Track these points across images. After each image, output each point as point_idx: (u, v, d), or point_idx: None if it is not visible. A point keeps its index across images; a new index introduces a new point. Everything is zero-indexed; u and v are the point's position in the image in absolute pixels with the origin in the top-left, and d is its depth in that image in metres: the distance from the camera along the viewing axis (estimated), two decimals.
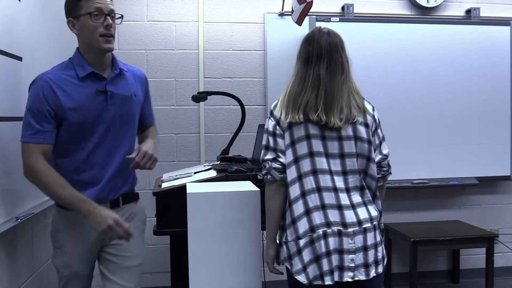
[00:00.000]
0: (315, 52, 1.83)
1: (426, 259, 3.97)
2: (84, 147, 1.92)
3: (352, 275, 1.76)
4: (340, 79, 1.81)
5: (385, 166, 1.90)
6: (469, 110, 3.90)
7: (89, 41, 1.88)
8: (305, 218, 1.78)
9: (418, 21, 3.85)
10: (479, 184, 3.92)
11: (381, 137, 1.90)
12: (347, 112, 1.79)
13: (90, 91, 1.90)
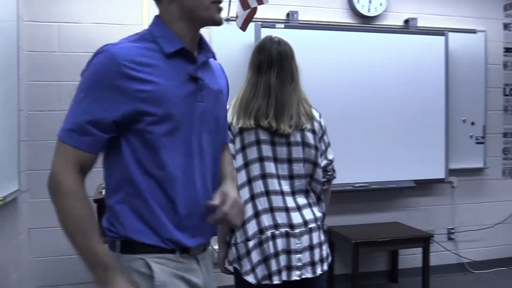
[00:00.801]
0: (266, 61, 1.88)
1: (367, 260, 4.10)
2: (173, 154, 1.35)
3: (299, 274, 1.84)
4: (290, 87, 1.87)
5: (330, 171, 1.99)
6: (407, 117, 4.07)
7: (192, 7, 1.29)
8: (254, 220, 1.84)
9: (360, 30, 3.98)
10: (416, 187, 4.10)
11: (326, 143, 1.99)
12: (296, 119, 1.85)
13: (180, 72, 1.29)
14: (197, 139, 1.30)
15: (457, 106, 4.24)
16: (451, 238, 4.38)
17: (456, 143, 4.24)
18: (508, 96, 4.53)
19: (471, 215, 4.42)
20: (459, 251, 4.40)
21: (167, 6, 1.31)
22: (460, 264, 4.40)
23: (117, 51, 1.19)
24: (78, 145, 1.19)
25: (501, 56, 4.50)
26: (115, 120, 1.19)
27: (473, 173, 4.40)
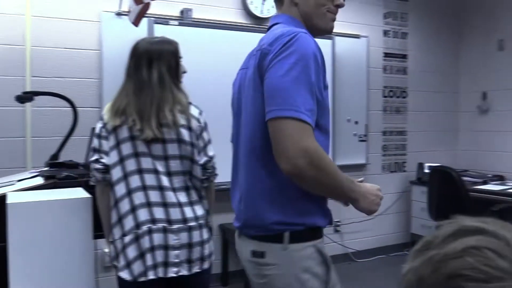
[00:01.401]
0: (139, 60, 1.91)
1: None
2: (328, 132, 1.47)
3: (176, 270, 1.85)
4: (163, 85, 1.88)
5: (210, 168, 1.97)
6: None
7: (309, 12, 1.49)
8: (131, 215, 1.85)
9: (253, 30, 4.07)
10: None
11: (206, 140, 1.96)
12: (170, 117, 1.85)
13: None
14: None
15: (343, 106, 4.52)
16: (337, 231, 4.66)
17: (341, 141, 4.52)
18: (387, 98, 4.93)
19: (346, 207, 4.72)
20: (344, 242, 4.70)
21: (288, 8, 1.51)
22: (345, 254, 4.70)
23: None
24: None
25: (381, 60, 4.87)
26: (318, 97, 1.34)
27: (357, 169, 4.72)
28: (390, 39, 4.93)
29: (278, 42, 1.31)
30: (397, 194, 4.99)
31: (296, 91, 1.25)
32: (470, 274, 0.50)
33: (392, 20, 4.93)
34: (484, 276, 0.49)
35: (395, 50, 4.96)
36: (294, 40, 1.30)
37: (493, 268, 0.49)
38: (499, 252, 0.50)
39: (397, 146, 5.01)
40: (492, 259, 0.50)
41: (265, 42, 1.36)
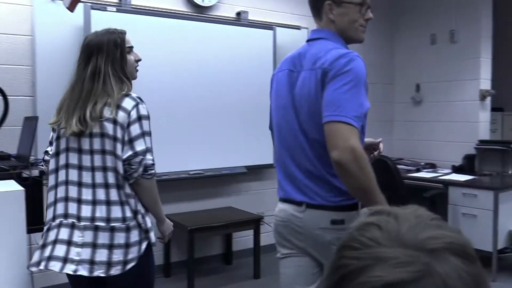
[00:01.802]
0: (81, 54, 1.93)
1: (202, 245, 4.21)
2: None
3: (74, 269, 1.78)
4: (96, 78, 1.87)
5: (135, 164, 1.82)
6: (239, 107, 4.25)
7: (345, 27, 1.81)
8: (52, 208, 1.89)
9: (194, 19, 4.02)
10: (248, 172, 4.33)
11: (133, 134, 1.83)
12: (91, 110, 1.82)
13: None
14: None
15: None
16: None
17: None
18: None
19: None
20: None
21: (327, 24, 1.84)
22: None
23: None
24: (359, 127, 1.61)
25: None
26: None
27: None
28: None
29: (338, 62, 1.66)
30: None
31: (347, 101, 1.61)
32: (350, 245, 0.55)
33: None
34: (358, 245, 0.54)
35: None
36: (351, 62, 1.65)
37: (367, 238, 0.54)
38: (381, 225, 0.55)
39: None
40: (371, 231, 0.55)
41: (325, 61, 1.70)
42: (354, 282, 0.51)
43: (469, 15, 4.82)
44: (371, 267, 0.51)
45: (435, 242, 0.52)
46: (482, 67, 4.79)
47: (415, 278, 0.49)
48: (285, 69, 1.89)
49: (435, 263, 0.50)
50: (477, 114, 4.77)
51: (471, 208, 4.00)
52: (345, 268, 0.53)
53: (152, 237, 1.90)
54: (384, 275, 0.49)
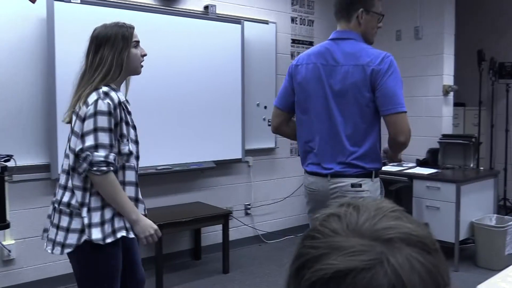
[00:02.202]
0: (90, 44, 2.03)
1: (170, 241, 4.18)
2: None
3: (45, 246, 2.01)
4: (83, 72, 2.01)
5: (81, 159, 1.88)
6: (207, 101, 4.23)
7: (367, 32, 2.31)
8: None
9: (160, 12, 3.97)
10: (216, 167, 4.32)
11: (85, 130, 1.88)
12: (78, 105, 1.95)
13: None
14: None
15: (252, 91, 4.58)
16: (248, 213, 4.74)
17: (251, 125, 4.59)
18: None
19: (265, 191, 4.85)
20: (255, 224, 4.80)
21: (355, 27, 2.30)
22: (256, 236, 4.81)
23: None
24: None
25: (289, 46, 4.99)
26: None
27: (266, 153, 4.82)
28: (297, 26, 5.05)
29: (385, 62, 2.16)
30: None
31: (401, 95, 2.14)
32: (311, 234, 0.57)
33: (299, 8, 5.05)
34: (318, 235, 0.56)
35: (302, 37, 5.10)
36: (393, 62, 2.18)
37: (327, 229, 0.56)
38: (341, 216, 0.57)
39: None
40: (331, 222, 0.57)
41: (376, 60, 2.16)
42: (310, 270, 0.53)
43: (433, 12, 4.93)
44: (326, 256, 0.52)
45: (391, 232, 0.53)
46: (445, 63, 4.91)
47: (367, 267, 0.50)
48: (315, 62, 2.31)
49: (389, 253, 0.51)
50: (441, 109, 4.90)
51: (434, 200, 4.10)
52: (304, 257, 0.55)
53: (93, 236, 1.89)
54: (336, 263, 0.51)
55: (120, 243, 2.01)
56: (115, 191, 1.91)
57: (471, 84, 5.95)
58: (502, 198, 5.81)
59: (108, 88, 1.95)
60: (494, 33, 6.13)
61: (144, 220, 2.01)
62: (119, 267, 2.02)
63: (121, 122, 1.97)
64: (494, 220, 4.25)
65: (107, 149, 1.88)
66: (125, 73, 2.06)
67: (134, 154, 2.04)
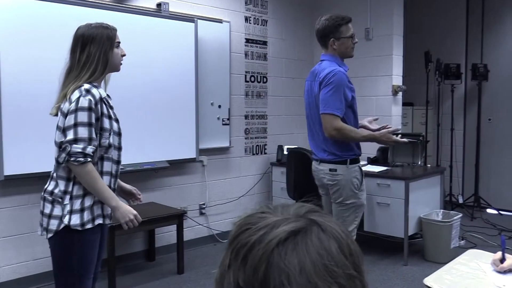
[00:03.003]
0: (76, 42, 2.16)
1: (124, 243, 4.10)
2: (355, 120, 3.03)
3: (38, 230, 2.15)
4: (69, 69, 2.13)
5: (62, 150, 2.04)
6: (160, 100, 4.18)
7: (343, 52, 3.00)
8: None
9: (112, 9, 3.88)
10: (170, 167, 4.27)
11: (66, 125, 2.04)
12: (62, 99, 2.09)
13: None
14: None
15: (206, 90, 4.56)
16: (202, 213, 4.72)
17: (205, 124, 4.57)
18: (249, 82, 5.09)
19: (220, 190, 4.84)
20: (210, 224, 4.78)
21: (331, 50, 3.00)
22: (211, 235, 4.79)
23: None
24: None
25: (243, 45, 5.00)
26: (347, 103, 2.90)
27: (220, 152, 4.82)
28: (251, 26, 5.07)
29: (327, 75, 2.86)
30: (258, 176, 5.21)
31: (332, 101, 2.83)
32: (242, 229, 0.62)
33: (253, 7, 5.07)
34: (250, 225, 0.62)
35: (255, 37, 5.12)
36: (336, 76, 2.85)
37: (257, 217, 0.63)
38: (267, 209, 0.65)
39: (259, 129, 5.21)
40: (258, 214, 0.64)
41: (321, 76, 2.90)
42: (256, 249, 0.58)
43: (382, 14, 5.07)
44: (268, 233, 0.59)
45: (314, 215, 0.63)
46: (394, 64, 5.06)
47: (307, 225, 0.60)
48: (308, 79, 3.11)
49: (318, 220, 0.62)
50: (390, 109, 5.05)
51: (384, 197, 4.23)
52: (246, 246, 0.60)
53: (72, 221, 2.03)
54: (283, 228, 0.59)
55: (99, 234, 2.17)
56: (93, 180, 2.04)
57: (419, 85, 6.17)
58: (448, 194, 6.07)
59: (90, 86, 2.09)
60: (440, 35, 6.37)
61: (124, 206, 2.14)
62: (93, 258, 2.15)
63: (102, 116, 2.10)
64: (440, 215, 4.43)
65: (85, 142, 2.02)
66: (107, 71, 2.22)
67: (115, 145, 2.19)
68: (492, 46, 6.09)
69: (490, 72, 5.88)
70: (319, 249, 0.58)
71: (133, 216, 2.15)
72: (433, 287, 1.76)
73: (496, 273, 1.85)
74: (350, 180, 2.95)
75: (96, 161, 2.10)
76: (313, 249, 0.58)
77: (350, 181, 2.95)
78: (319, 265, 0.57)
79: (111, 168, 2.18)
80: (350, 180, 2.95)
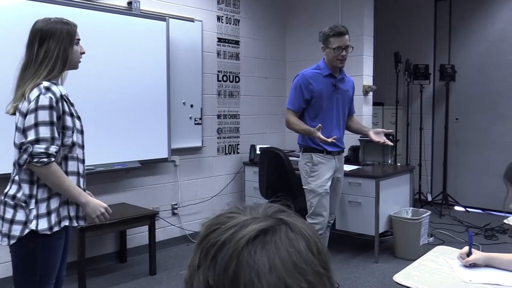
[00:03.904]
0: (34, 36, 2.05)
1: (94, 244, 4.03)
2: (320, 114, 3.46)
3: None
4: (26, 64, 2.03)
5: (23, 152, 1.95)
6: (131, 99, 4.13)
7: (330, 60, 3.42)
8: None
9: (81, 6, 3.81)
10: (141, 167, 4.23)
11: (26, 125, 1.95)
12: (20, 98, 1.99)
13: (328, 83, 3.46)
14: (336, 109, 3.48)
15: (178, 89, 4.53)
16: (175, 213, 4.69)
17: (177, 124, 4.53)
18: (221, 82, 5.08)
19: (192, 190, 4.82)
20: (182, 224, 4.75)
21: (325, 55, 3.45)
22: (184, 236, 4.77)
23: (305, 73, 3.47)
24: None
25: (215, 45, 4.98)
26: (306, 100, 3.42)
27: (192, 152, 4.79)
28: (223, 25, 5.06)
29: (294, 79, 3.55)
30: (231, 175, 5.21)
31: (289, 98, 3.50)
32: (212, 230, 0.63)
33: (225, 6, 5.06)
34: (219, 225, 0.63)
35: (228, 36, 5.11)
36: (295, 78, 3.52)
37: (226, 217, 0.64)
38: (236, 209, 0.66)
39: (231, 129, 5.21)
40: (227, 214, 0.65)
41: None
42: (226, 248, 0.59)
43: (353, 15, 5.14)
44: (237, 232, 0.60)
45: (281, 215, 0.64)
46: (365, 64, 5.13)
47: (275, 224, 0.61)
48: None
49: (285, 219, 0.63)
50: (361, 108, 5.11)
51: (356, 196, 4.28)
52: (215, 245, 0.61)
53: (40, 226, 1.96)
54: (253, 227, 0.60)
55: (64, 238, 2.09)
56: (60, 180, 1.98)
57: (389, 85, 6.28)
58: (417, 192, 6.19)
59: (49, 83, 2.00)
60: (409, 37, 6.50)
61: (93, 201, 2.09)
62: (57, 263, 2.08)
63: (64, 114, 2.03)
64: (410, 213, 4.52)
65: (48, 141, 1.94)
66: (66, 68, 2.13)
67: (79, 144, 2.12)
68: (459, 48, 6.24)
69: (457, 73, 6.03)
70: (288, 247, 0.59)
71: (103, 209, 2.11)
72: (402, 283, 1.80)
73: (463, 268, 1.90)
74: (302, 166, 3.50)
75: (59, 161, 2.03)
76: (282, 247, 0.59)
77: (302, 167, 3.50)
78: (288, 262, 0.58)
79: (77, 167, 2.11)
80: (302, 166, 3.50)
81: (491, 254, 1.93)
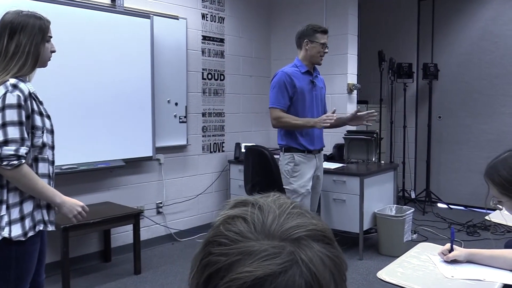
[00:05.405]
0: (3, 28, 1.93)
1: (78, 244, 4.00)
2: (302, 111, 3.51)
3: None
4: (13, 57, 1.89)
5: None
6: (115, 97, 4.09)
7: (313, 56, 3.51)
8: None
9: (64, 3, 3.76)
10: (126, 166, 4.19)
11: None
12: None
13: (306, 80, 3.54)
14: (316, 106, 3.58)
15: (162, 87, 4.50)
16: (160, 212, 4.66)
17: (162, 122, 4.51)
18: (206, 80, 5.06)
19: (177, 188, 4.80)
20: (167, 223, 4.73)
21: (302, 53, 3.53)
22: (169, 234, 4.75)
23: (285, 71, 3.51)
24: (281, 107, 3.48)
25: (200, 43, 4.97)
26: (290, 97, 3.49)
27: (177, 150, 4.77)
28: (208, 23, 5.04)
29: (273, 77, 3.58)
30: (216, 174, 5.20)
31: (273, 97, 3.48)
32: (216, 240, 0.56)
33: (209, 4, 5.05)
34: (225, 240, 0.55)
35: (213, 34, 5.10)
36: (275, 76, 3.51)
37: (233, 233, 0.55)
38: (247, 218, 0.57)
39: (216, 127, 5.20)
40: (237, 224, 0.56)
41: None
42: (224, 280, 0.52)
43: (337, 14, 5.17)
44: (239, 263, 0.52)
45: (298, 231, 0.55)
46: (349, 63, 5.16)
47: (284, 269, 0.51)
48: None
49: (300, 251, 0.53)
50: (346, 106, 5.15)
51: (340, 193, 4.31)
52: (212, 266, 0.54)
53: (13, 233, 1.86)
54: (253, 270, 0.51)
55: (39, 243, 2.00)
56: (33, 182, 1.87)
57: (373, 83, 6.33)
58: (401, 189, 6.25)
59: (16, 80, 1.87)
60: (393, 35, 6.55)
61: (69, 201, 2.02)
62: (32, 268, 1.97)
63: (33, 113, 1.91)
64: (394, 210, 4.56)
65: (17, 143, 1.83)
66: (37, 66, 2.01)
67: (50, 144, 2.01)
68: (442, 47, 6.31)
69: (440, 72, 6.10)
70: None
71: (80, 208, 2.05)
72: (386, 280, 1.82)
73: (445, 264, 1.93)
74: (283, 166, 3.52)
75: (30, 163, 1.92)
76: None
77: (283, 167, 3.52)
78: None
79: (48, 169, 2.00)
80: (283, 167, 3.52)
81: (472, 250, 1.96)
